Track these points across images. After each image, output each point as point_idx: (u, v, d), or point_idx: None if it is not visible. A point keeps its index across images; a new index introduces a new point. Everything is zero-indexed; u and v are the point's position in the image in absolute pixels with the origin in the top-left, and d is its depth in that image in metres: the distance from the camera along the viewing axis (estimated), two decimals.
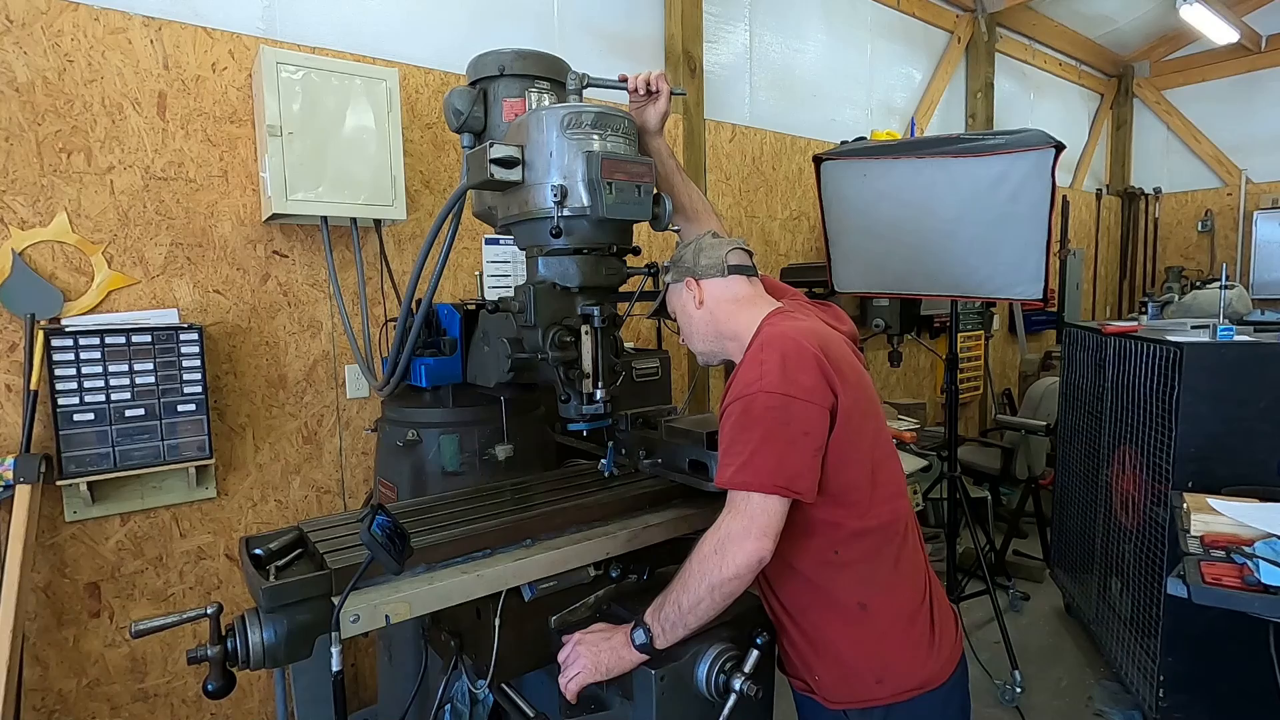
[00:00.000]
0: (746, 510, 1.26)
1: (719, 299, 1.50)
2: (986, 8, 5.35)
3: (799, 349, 1.31)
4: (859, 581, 1.35)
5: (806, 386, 1.28)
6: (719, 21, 3.86)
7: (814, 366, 1.30)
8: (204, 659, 1.22)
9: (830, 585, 1.36)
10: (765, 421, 1.27)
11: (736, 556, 1.24)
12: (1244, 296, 4.52)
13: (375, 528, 1.16)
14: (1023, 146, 2.75)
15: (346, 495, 2.70)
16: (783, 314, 1.47)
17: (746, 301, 1.50)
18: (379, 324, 2.65)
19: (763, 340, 1.37)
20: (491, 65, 1.77)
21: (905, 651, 1.36)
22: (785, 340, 1.33)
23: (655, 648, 1.30)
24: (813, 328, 1.42)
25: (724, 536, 1.27)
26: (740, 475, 1.26)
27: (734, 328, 1.49)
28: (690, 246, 1.55)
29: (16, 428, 2.07)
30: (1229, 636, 2.39)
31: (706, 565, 1.27)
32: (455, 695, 1.69)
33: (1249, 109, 6.67)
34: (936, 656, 1.37)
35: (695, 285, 1.51)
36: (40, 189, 2.11)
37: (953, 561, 3.63)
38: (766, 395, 1.27)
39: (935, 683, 1.36)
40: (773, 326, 1.41)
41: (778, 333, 1.37)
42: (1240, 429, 2.40)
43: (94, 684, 2.24)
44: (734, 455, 1.28)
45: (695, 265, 1.51)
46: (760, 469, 1.25)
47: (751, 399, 1.28)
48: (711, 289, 1.51)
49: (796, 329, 1.38)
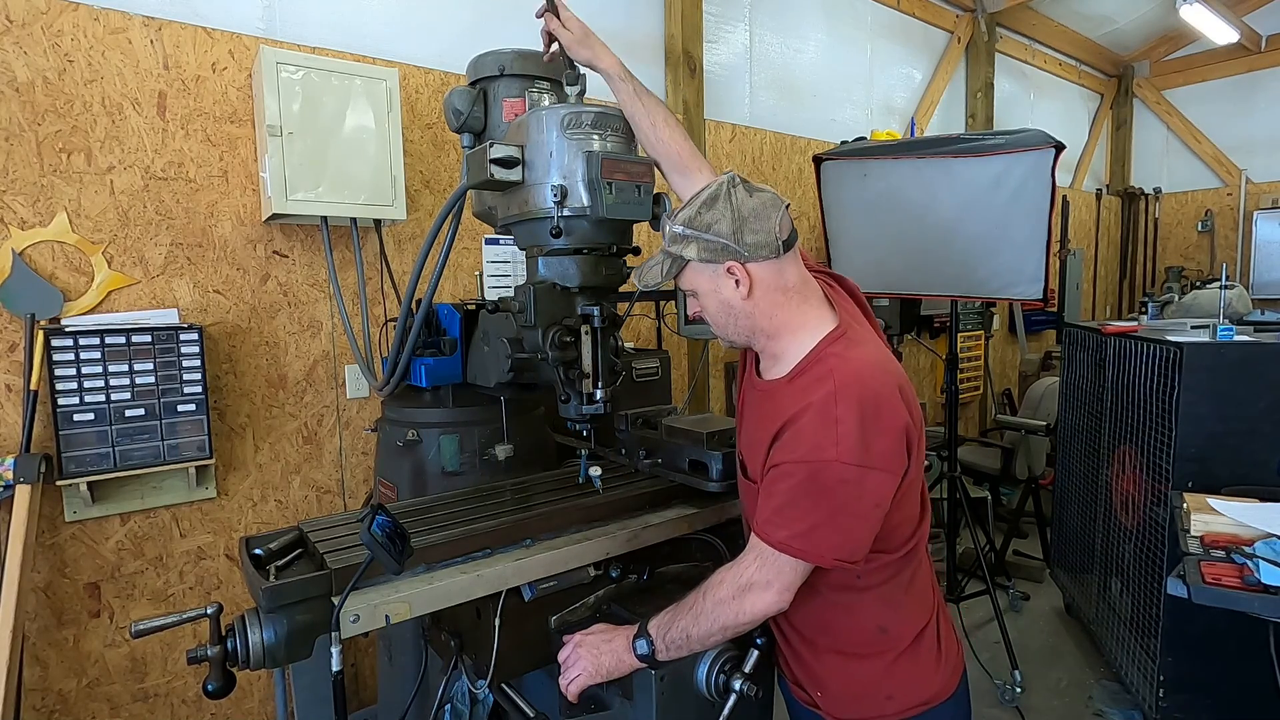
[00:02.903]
0: (776, 565, 1.18)
1: (770, 288, 1.22)
2: (986, 8, 5.35)
3: (878, 403, 1.15)
4: (879, 604, 1.30)
5: (886, 454, 1.14)
6: (719, 21, 3.86)
7: (896, 429, 1.15)
8: (204, 659, 1.22)
9: (851, 608, 1.30)
10: (837, 496, 1.13)
11: (755, 606, 1.19)
12: (1244, 296, 4.52)
13: (375, 528, 1.16)
14: (1022, 146, 2.75)
15: (346, 495, 2.70)
16: (846, 339, 1.25)
17: (797, 293, 1.25)
18: (379, 324, 2.65)
19: (837, 386, 1.15)
20: (491, 65, 1.77)
21: (914, 667, 1.33)
22: (864, 390, 1.15)
23: (657, 660, 1.28)
24: (883, 361, 1.24)
25: (746, 584, 1.19)
26: (799, 543, 1.15)
27: (776, 324, 1.25)
28: (720, 209, 1.19)
29: (16, 428, 2.07)
30: (1229, 636, 2.39)
31: (723, 609, 1.20)
32: (455, 695, 1.69)
33: (1249, 109, 6.67)
34: (943, 669, 1.36)
35: (742, 272, 1.20)
36: (40, 189, 2.11)
37: (953, 561, 3.63)
38: (842, 467, 1.11)
39: (942, 697, 1.34)
40: (841, 360, 1.19)
41: (852, 374, 1.16)
42: (1240, 429, 2.40)
43: (94, 684, 2.24)
44: (792, 519, 1.15)
45: (739, 242, 1.18)
46: (824, 543, 1.14)
47: (824, 467, 1.12)
48: (763, 276, 1.21)
49: (870, 367, 1.19)
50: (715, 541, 1.63)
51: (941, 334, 4.37)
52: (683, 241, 1.22)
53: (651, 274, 1.27)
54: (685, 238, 1.21)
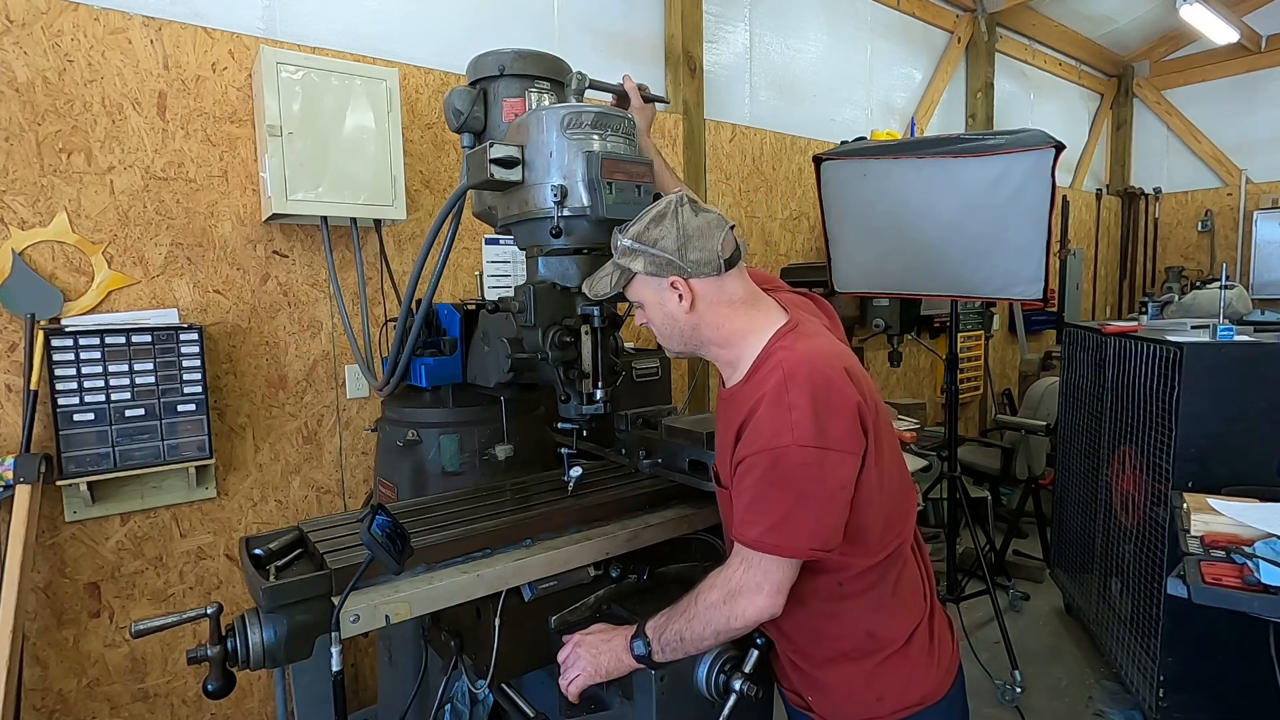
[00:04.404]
0: (760, 565, 1.18)
1: (711, 302, 1.28)
2: (986, 8, 5.35)
3: (829, 385, 1.17)
4: (866, 610, 1.30)
5: (842, 435, 1.16)
6: (719, 21, 3.86)
7: (849, 408, 1.17)
8: (204, 659, 1.22)
9: (838, 616, 1.31)
10: (800, 480, 1.14)
11: (747, 611, 1.19)
12: (1244, 296, 4.51)
13: (375, 528, 1.16)
14: (1023, 146, 2.75)
15: (346, 495, 2.70)
16: (795, 332, 1.29)
17: (743, 304, 1.30)
18: (379, 324, 2.65)
19: (786, 374, 1.18)
20: (491, 65, 1.77)
21: (906, 668, 1.32)
22: (813, 374, 1.17)
23: (654, 661, 1.28)
24: (833, 348, 1.28)
25: (735, 589, 1.19)
26: (771, 538, 1.15)
27: (725, 334, 1.30)
28: (666, 226, 1.25)
29: (16, 428, 2.07)
30: (1229, 636, 2.39)
31: (714, 614, 1.20)
32: (455, 695, 1.69)
33: (1249, 109, 6.67)
34: (936, 668, 1.35)
35: (685, 286, 1.26)
36: (40, 189, 2.11)
37: (953, 561, 3.63)
38: (800, 450, 1.13)
39: (935, 697, 1.34)
40: (789, 351, 1.23)
41: (798, 360, 1.20)
42: (1240, 429, 2.40)
43: (94, 684, 2.24)
44: (762, 514, 1.16)
45: (683, 259, 1.25)
46: (795, 533, 1.14)
47: (782, 453, 1.14)
48: (704, 290, 1.27)
49: (818, 354, 1.22)
50: (715, 541, 1.63)
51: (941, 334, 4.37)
52: (631, 255, 1.28)
53: (601, 284, 1.33)
54: (633, 251, 1.28)
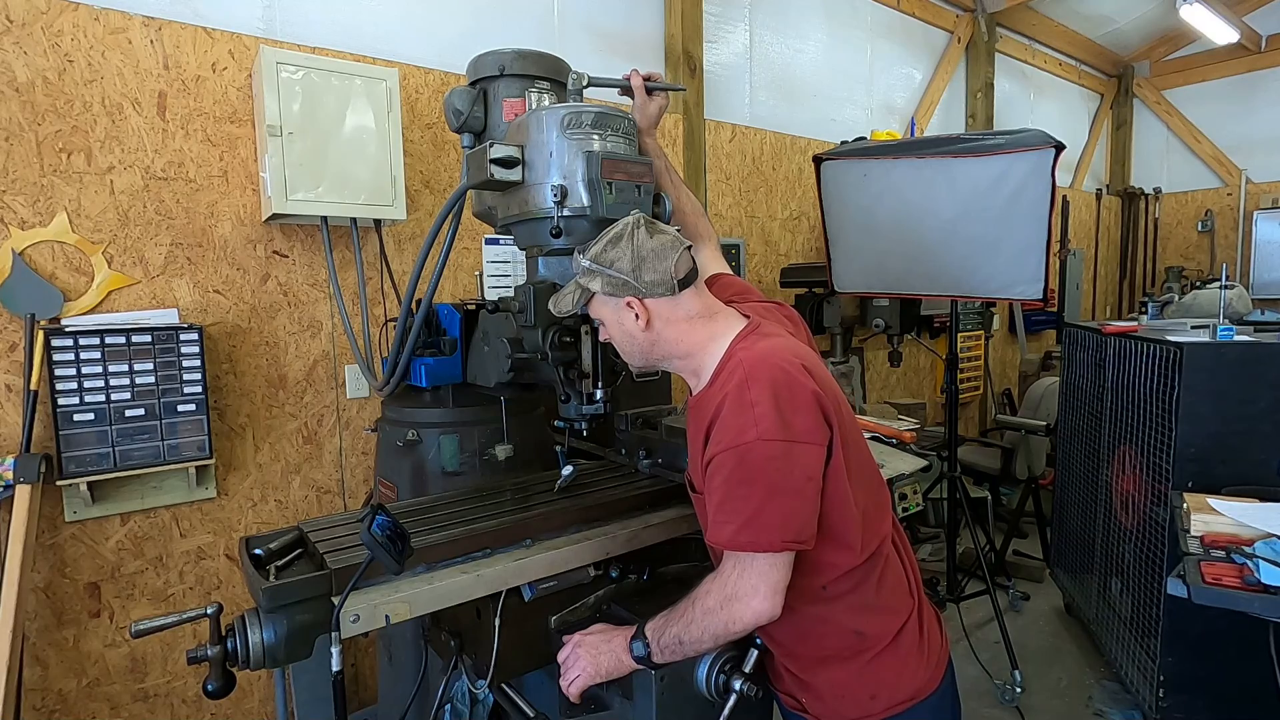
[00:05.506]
0: (753, 568, 1.18)
1: (668, 320, 1.30)
2: (986, 8, 5.35)
3: (789, 380, 1.19)
4: (852, 611, 1.31)
5: (806, 427, 1.17)
6: (719, 21, 3.86)
7: (809, 400, 1.19)
8: (204, 659, 1.22)
9: (824, 617, 1.31)
10: (766, 474, 1.15)
11: (744, 615, 1.19)
12: (1244, 296, 4.51)
13: (375, 528, 1.16)
14: (1023, 146, 2.75)
15: (346, 495, 2.70)
16: (755, 333, 1.31)
17: (701, 317, 1.32)
18: (379, 324, 2.65)
19: (747, 372, 1.20)
20: (491, 65, 1.77)
21: (897, 665, 1.33)
22: (773, 370, 1.19)
23: (653, 662, 1.28)
24: (790, 346, 1.30)
25: (731, 594, 1.20)
26: (745, 535, 1.16)
27: (685, 347, 1.32)
28: (622, 248, 1.28)
29: (16, 428, 2.07)
30: (1229, 636, 2.39)
31: (711, 619, 1.21)
32: (455, 695, 1.69)
33: (1249, 109, 6.67)
34: (926, 663, 1.36)
35: (640, 306, 1.28)
36: (40, 189, 2.11)
37: (953, 561, 3.63)
38: (765, 444, 1.14)
39: (926, 691, 1.34)
40: (748, 351, 1.25)
41: (757, 358, 1.22)
42: (1240, 429, 2.40)
43: (94, 684, 2.24)
44: (733, 513, 1.17)
45: (637, 281, 1.26)
46: (768, 527, 1.15)
47: (748, 449, 1.15)
48: (660, 309, 1.29)
49: (776, 351, 1.24)
50: None
51: (941, 334, 4.37)
52: (589, 275, 1.31)
53: (564, 302, 1.36)
54: (592, 271, 1.30)
